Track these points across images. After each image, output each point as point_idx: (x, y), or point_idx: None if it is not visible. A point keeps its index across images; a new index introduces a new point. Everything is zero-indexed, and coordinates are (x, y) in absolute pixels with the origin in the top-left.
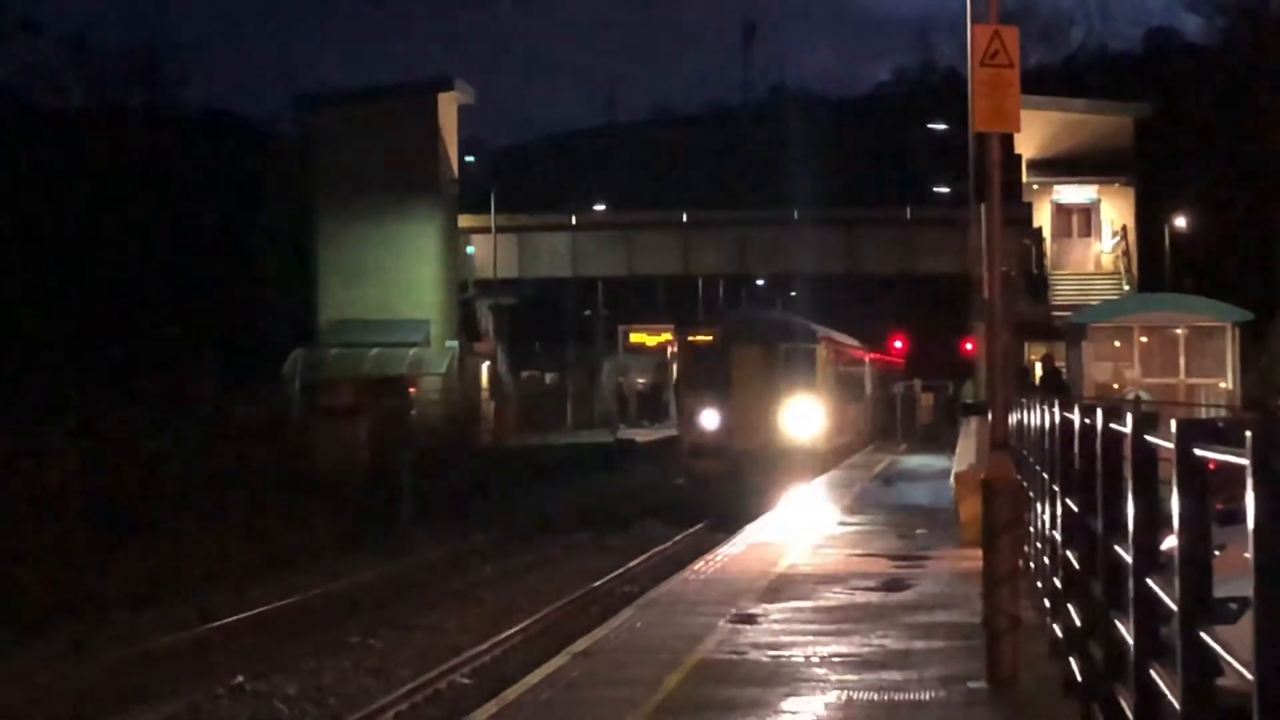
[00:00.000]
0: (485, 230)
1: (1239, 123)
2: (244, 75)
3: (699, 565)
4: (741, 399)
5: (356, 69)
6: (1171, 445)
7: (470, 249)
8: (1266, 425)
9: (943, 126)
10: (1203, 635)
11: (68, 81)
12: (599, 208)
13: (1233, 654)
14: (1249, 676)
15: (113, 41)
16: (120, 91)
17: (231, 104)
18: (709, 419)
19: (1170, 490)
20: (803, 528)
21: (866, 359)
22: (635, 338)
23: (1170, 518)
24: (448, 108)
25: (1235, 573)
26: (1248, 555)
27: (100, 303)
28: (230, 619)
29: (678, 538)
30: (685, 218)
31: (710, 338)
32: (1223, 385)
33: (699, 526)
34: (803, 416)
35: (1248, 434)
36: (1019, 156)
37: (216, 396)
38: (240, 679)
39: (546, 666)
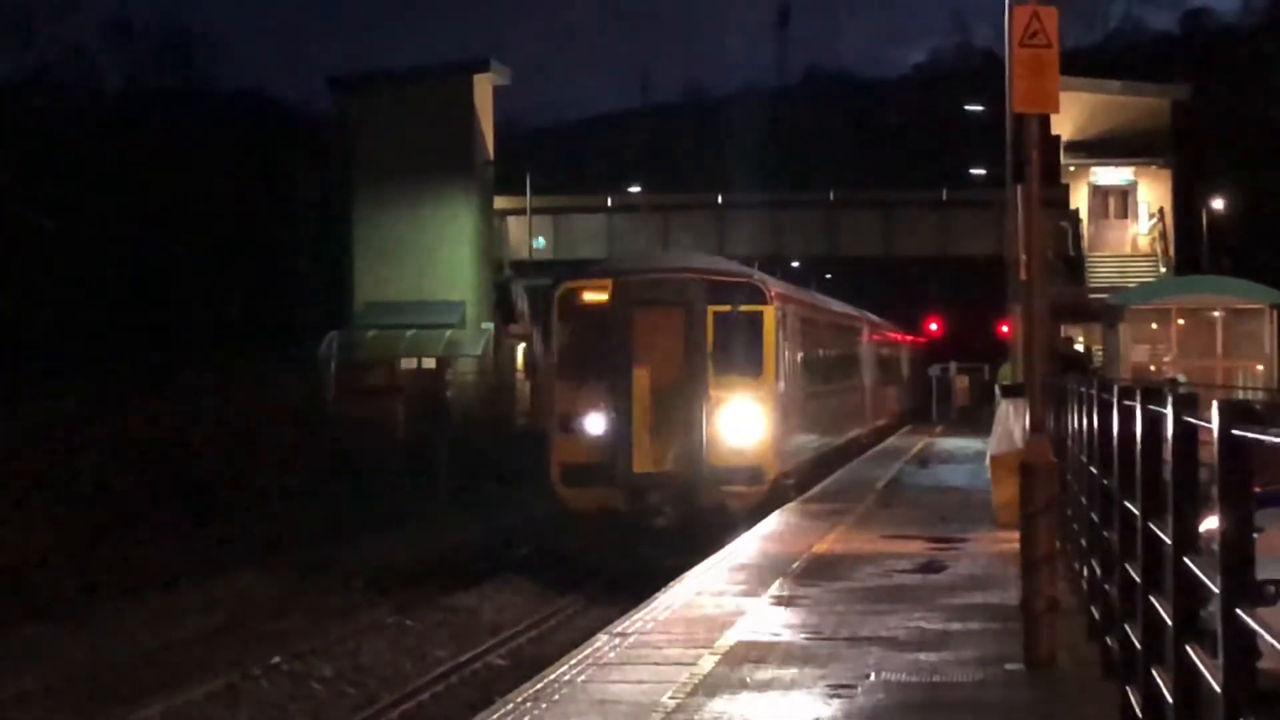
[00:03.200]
0: (520, 212)
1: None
2: (277, 57)
3: None
4: (645, 394)
5: (390, 50)
6: (1213, 427)
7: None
8: None
9: (979, 108)
10: (1244, 616)
11: (104, 65)
12: (634, 189)
13: (1274, 636)
14: None
15: (147, 24)
16: (155, 74)
17: (265, 86)
18: (593, 424)
19: (1209, 472)
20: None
21: (869, 334)
22: None
23: (1209, 499)
24: (483, 89)
25: (1274, 555)
26: None
27: (133, 285)
28: (266, 599)
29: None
30: (720, 199)
31: (597, 296)
32: (1260, 368)
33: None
34: (744, 422)
35: None
36: (1057, 138)
37: (251, 379)
38: (277, 659)
39: (584, 647)
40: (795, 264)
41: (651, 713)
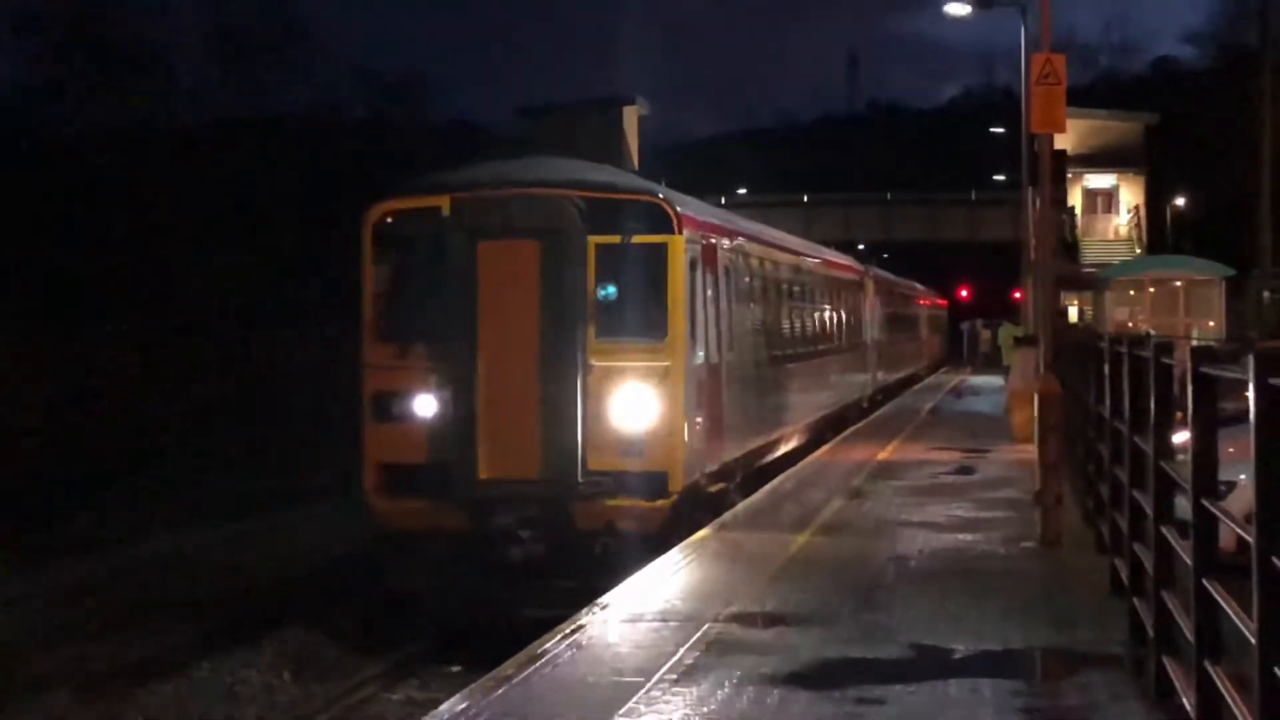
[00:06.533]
0: None
1: (1227, 129)
2: (472, 89)
3: None
4: (497, 364)
5: (546, 85)
6: (1185, 365)
7: None
8: (1265, 352)
9: (1001, 130)
10: (1209, 506)
11: (347, 99)
12: (741, 191)
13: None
14: (1247, 537)
15: (379, 61)
16: (384, 107)
17: (467, 115)
18: (422, 408)
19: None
20: None
21: (874, 291)
22: None
23: (1179, 419)
24: (630, 118)
25: (1223, 463)
26: (1231, 450)
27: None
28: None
29: None
30: (805, 199)
31: (426, 223)
32: (1211, 324)
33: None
34: (641, 405)
35: (1250, 358)
36: (1062, 152)
37: None
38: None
39: (696, 535)
40: (860, 246)
41: (773, 561)
